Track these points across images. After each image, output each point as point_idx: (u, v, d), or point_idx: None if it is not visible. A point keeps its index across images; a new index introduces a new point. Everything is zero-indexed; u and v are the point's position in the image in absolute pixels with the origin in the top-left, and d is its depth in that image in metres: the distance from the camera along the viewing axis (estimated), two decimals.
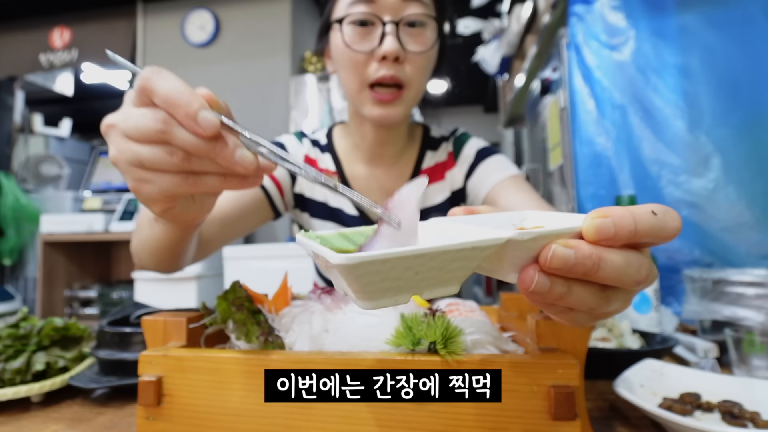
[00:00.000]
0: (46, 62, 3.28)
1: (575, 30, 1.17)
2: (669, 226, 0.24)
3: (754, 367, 0.54)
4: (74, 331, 0.63)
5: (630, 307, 0.74)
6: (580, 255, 0.23)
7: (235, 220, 0.67)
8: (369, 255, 0.22)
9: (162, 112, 0.28)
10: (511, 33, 2.33)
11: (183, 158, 0.30)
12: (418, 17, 0.61)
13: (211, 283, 2.30)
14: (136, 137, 0.29)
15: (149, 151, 0.29)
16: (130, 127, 0.29)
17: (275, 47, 3.01)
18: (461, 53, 3.22)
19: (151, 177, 0.30)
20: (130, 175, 0.31)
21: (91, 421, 0.48)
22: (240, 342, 0.41)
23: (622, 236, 0.23)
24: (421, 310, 0.44)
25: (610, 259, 0.23)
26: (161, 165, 0.30)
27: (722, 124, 0.99)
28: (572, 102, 1.17)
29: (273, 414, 0.36)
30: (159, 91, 0.28)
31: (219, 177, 0.32)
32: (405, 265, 0.23)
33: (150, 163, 0.30)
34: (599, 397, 0.53)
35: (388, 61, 0.61)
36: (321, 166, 0.79)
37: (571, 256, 0.23)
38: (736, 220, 0.94)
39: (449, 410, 0.34)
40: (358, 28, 0.62)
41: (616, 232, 0.23)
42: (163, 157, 0.29)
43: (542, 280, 0.24)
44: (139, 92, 0.29)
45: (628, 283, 0.24)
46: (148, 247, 0.52)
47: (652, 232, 0.23)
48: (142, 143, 0.29)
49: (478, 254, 0.24)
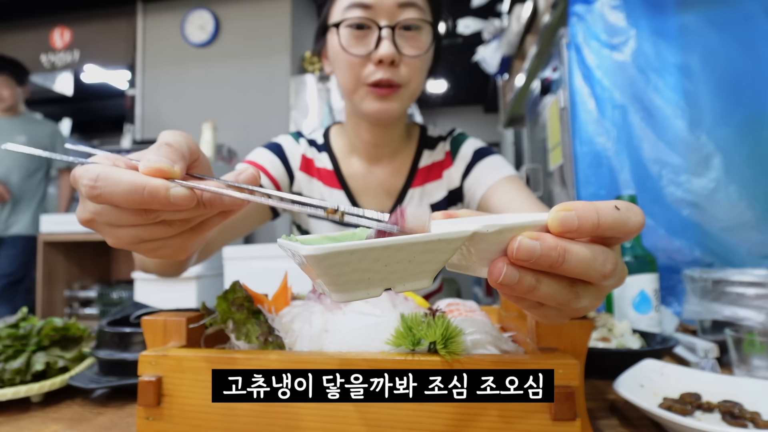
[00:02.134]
0: (47, 63, 3.28)
1: (575, 30, 1.17)
2: (632, 221, 0.24)
3: (754, 368, 0.54)
4: (74, 331, 0.63)
5: (630, 307, 0.74)
6: (545, 246, 0.23)
7: (236, 221, 0.68)
8: (337, 246, 0.23)
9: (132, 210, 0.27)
10: (511, 33, 2.32)
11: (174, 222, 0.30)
12: (414, 21, 0.62)
13: (211, 283, 2.30)
14: (121, 224, 0.29)
15: (146, 230, 0.29)
16: (113, 222, 0.28)
17: (275, 47, 3.01)
18: (461, 53, 3.22)
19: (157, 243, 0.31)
20: (131, 247, 0.31)
21: (91, 421, 0.48)
22: (240, 342, 0.41)
23: (586, 229, 0.24)
24: (421, 310, 0.43)
25: (575, 251, 0.24)
26: (161, 234, 0.30)
27: (723, 124, 0.99)
28: (572, 102, 1.17)
29: (273, 414, 0.36)
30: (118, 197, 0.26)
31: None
32: (373, 257, 0.23)
33: (151, 237, 0.30)
34: (599, 397, 0.53)
35: (385, 65, 0.62)
36: (318, 166, 0.79)
37: (537, 248, 0.23)
38: (737, 219, 0.94)
39: (449, 410, 0.34)
40: (354, 32, 0.63)
41: (579, 224, 0.24)
42: (160, 229, 0.29)
43: (511, 272, 0.24)
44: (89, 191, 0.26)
45: (595, 276, 0.25)
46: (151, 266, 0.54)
47: (615, 226, 0.24)
48: (132, 227, 0.29)
49: (446, 246, 0.24)
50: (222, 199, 0.28)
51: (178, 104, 3.11)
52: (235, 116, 2.97)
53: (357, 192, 0.78)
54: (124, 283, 2.74)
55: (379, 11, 0.62)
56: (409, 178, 0.79)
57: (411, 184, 0.78)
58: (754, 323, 0.61)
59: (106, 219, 0.28)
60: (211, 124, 2.58)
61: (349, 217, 0.28)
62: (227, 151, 2.80)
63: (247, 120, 2.98)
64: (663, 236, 0.99)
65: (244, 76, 3.03)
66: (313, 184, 0.77)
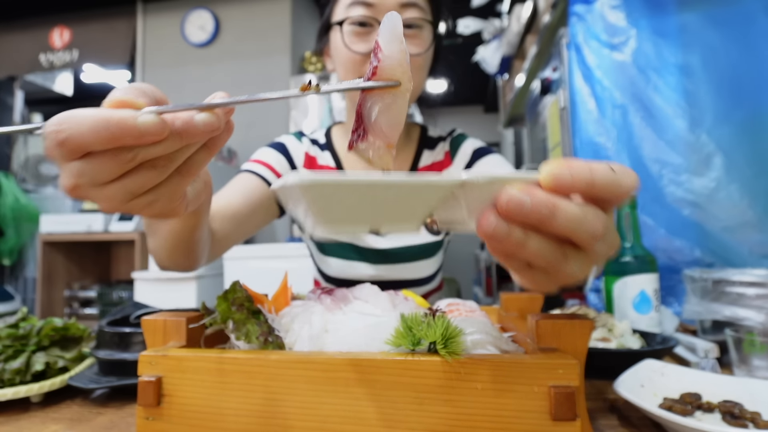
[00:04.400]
0: (46, 62, 3.27)
1: (575, 30, 1.17)
2: (625, 182, 0.24)
3: (754, 368, 0.54)
4: (74, 331, 0.63)
5: (630, 307, 0.74)
6: (536, 201, 0.23)
7: (246, 216, 0.67)
8: (323, 177, 0.23)
9: (108, 152, 0.26)
10: (511, 33, 2.32)
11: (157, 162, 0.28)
12: (415, 21, 0.63)
13: (211, 283, 2.30)
14: (107, 180, 0.27)
15: (132, 180, 0.27)
16: (97, 179, 0.26)
17: (275, 47, 3.01)
18: (461, 53, 3.22)
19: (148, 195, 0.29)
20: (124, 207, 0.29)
21: (91, 421, 0.48)
22: (240, 342, 0.41)
23: (579, 186, 0.23)
24: (421, 310, 0.43)
25: (565, 208, 0.23)
26: (150, 180, 0.28)
27: (724, 123, 0.98)
28: (572, 102, 1.17)
29: (272, 414, 0.36)
30: (85, 137, 0.24)
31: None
32: (360, 192, 0.23)
33: (141, 188, 0.28)
34: (599, 397, 0.53)
35: None
36: (320, 163, 0.80)
37: (527, 201, 0.23)
38: (738, 219, 0.93)
39: (449, 410, 0.34)
40: (357, 29, 0.64)
41: (573, 181, 0.23)
42: (146, 174, 0.27)
43: (501, 225, 0.23)
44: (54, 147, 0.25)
45: (585, 237, 0.24)
46: (167, 244, 0.50)
47: (609, 186, 0.24)
48: (118, 180, 0.27)
49: (434, 192, 0.24)
50: (195, 124, 0.26)
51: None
52: (235, 116, 2.93)
53: None
54: (124, 283, 2.74)
55: (381, 10, 0.63)
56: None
57: None
58: (755, 323, 0.61)
59: (89, 177, 0.26)
60: None
61: (324, 88, 0.28)
62: (227, 151, 2.79)
63: (247, 120, 2.98)
64: (663, 236, 0.99)
65: (244, 76, 3.02)
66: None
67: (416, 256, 0.76)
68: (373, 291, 0.50)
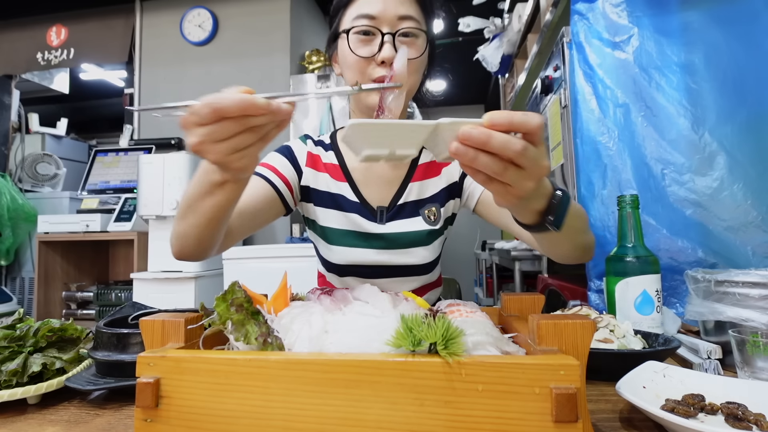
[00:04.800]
0: (43, 61, 3.27)
1: (577, 28, 1.16)
2: (532, 119, 0.40)
3: (758, 369, 0.53)
4: (71, 332, 0.62)
5: (632, 308, 0.74)
6: (478, 132, 0.39)
7: (252, 213, 0.75)
8: (361, 121, 0.40)
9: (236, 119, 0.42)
10: (513, 31, 2.32)
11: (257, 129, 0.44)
12: (411, 30, 0.74)
13: (210, 283, 2.30)
14: (225, 137, 0.43)
15: (238, 139, 0.43)
16: (217, 137, 0.42)
17: (274, 46, 3.01)
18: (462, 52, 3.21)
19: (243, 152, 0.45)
20: (226, 159, 0.44)
21: (88, 423, 0.48)
22: (239, 343, 0.41)
23: (503, 123, 0.39)
24: (422, 311, 0.43)
25: (496, 135, 0.39)
26: (249, 140, 0.44)
27: (727, 122, 0.97)
28: (574, 101, 1.17)
29: (272, 416, 0.36)
30: (231, 107, 0.41)
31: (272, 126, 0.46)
32: (379, 130, 0.41)
33: (241, 145, 0.44)
34: (601, 399, 0.53)
35: (386, 65, 0.73)
36: (324, 161, 0.86)
37: (474, 132, 0.39)
38: (741, 219, 0.93)
39: (450, 412, 0.34)
40: (361, 37, 0.74)
41: (500, 120, 0.39)
42: (248, 136, 0.44)
43: (461, 147, 0.40)
44: (209, 113, 0.41)
45: (510, 153, 0.39)
46: (204, 219, 0.58)
47: (522, 123, 0.40)
48: (230, 139, 0.43)
49: (423, 130, 0.41)
50: (282, 108, 0.43)
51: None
52: None
53: (360, 183, 0.84)
54: (122, 283, 2.74)
55: (382, 21, 0.73)
56: (410, 172, 0.86)
57: (411, 178, 0.85)
58: (758, 324, 0.60)
59: (213, 137, 0.42)
60: None
61: (365, 86, 0.51)
62: None
63: None
64: (665, 236, 0.98)
65: (244, 74, 3.02)
66: (320, 177, 0.85)
67: (414, 243, 0.82)
68: (373, 291, 0.50)
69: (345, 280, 0.85)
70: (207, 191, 0.56)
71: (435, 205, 0.84)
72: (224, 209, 0.58)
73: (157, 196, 2.19)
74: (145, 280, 2.23)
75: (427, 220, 0.83)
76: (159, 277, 2.21)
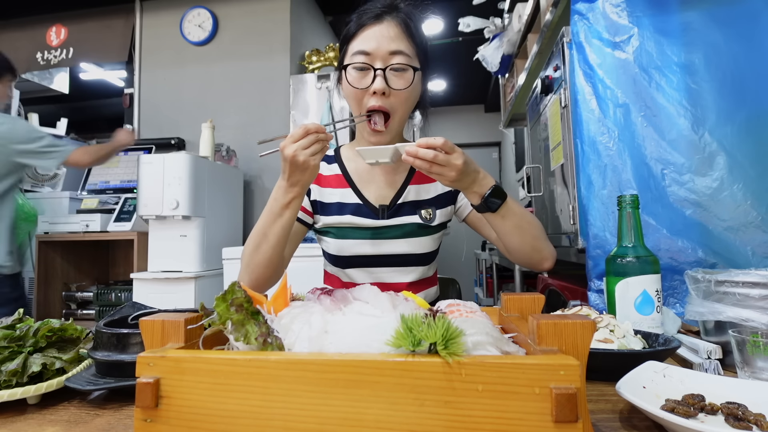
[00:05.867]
0: (42, 60, 3.26)
1: (577, 28, 1.16)
2: (437, 140, 0.70)
3: (758, 369, 0.53)
4: (71, 332, 0.62)
5: (632, 308, 0.74)
6: (413, 149, 0.70)
7: (295, 233, 0.93)
8: (364, 149, 0.77)
9: (313, 133, 0.74)
10: (512, 31, 2.32)
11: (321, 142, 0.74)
12: (400, 66, 0.86)
13: (210, 283, 2.30)
14: (307, 145, 0.73)
15: (315, 147, 0.74)
16: (304, 146, 0.73)
17: (274, 46, 3.01)
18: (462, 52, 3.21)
19: (316, 155, 0.74)
20: (309, 158, 0.73)
21: (88, 423, 0.48)
22: (239, 343, 0.41)
23: (424, 144, 0.69)
24: (422, 311, 0.43)
25: (422, 151, 0.69)
26: (318, 148, 0.74)
27: (727, 122, 0.97)
28: (574, 101, 1.17)
29: (272, 416, 0.36)
30: (312, 126, 0.74)
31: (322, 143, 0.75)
32: (370, 151, 0.76)
33: (316, 151, 0.74)
34: (601, 399, 0.53)
35: (378, 95, 0.86)
36: (326, 174, 1.00)
37: (411, 149, 0.70)
38: (741, 219, 0.93)
39: (450, 411, 0.34)
40: (358, 72, 0.87)
41: (426, 143, 0.70)
42: (318, 145, 0.74)
43: (408, 157, 0.70)
44: (301, 131, 0.73)
45: (427, 157, 0.69)
46: (278, 238, 0.81)
47: (432, 142, 0.69)
48: (310, 147, 0.74)
49: (387, 151, 0.74)
50: (326, 133, 0.75)
51: (177, 103, 3.10)
52: (234, 115, 2.96)
53: (362, 185, 0.97)
54: (122, 283, 2.74)
55: (375, 57, 0.86)
56: (408, 176, 0.98)
57: (409, 181, 0.98)
58: (758, 324, 0.60)
59: (301, 147, 0.72)
60: (210, 124, 2.57)
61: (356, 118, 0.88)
62: (226, 151, 2.79)
63: (247, 119, 2.97)
64: (665, 236, 0.98)
65: (244, 75, 3.02)
66: (324, 190, 0.99)
67: (410, 234, 0.94)
68: (373, 292, 0.50)
69: (349, 272, 0.96)
70: (277, 214, 0.79)
71: (432, 207, 0.96)
72: (288, 229, 0.81)
73: (157, 196, 2.19)
74: (145, 280, 2.23)
75: (424, 218, 0.95)
76: (159, 277, 2.20)
